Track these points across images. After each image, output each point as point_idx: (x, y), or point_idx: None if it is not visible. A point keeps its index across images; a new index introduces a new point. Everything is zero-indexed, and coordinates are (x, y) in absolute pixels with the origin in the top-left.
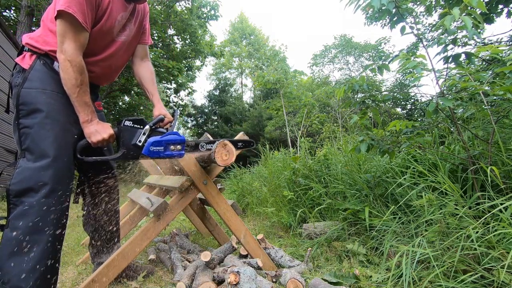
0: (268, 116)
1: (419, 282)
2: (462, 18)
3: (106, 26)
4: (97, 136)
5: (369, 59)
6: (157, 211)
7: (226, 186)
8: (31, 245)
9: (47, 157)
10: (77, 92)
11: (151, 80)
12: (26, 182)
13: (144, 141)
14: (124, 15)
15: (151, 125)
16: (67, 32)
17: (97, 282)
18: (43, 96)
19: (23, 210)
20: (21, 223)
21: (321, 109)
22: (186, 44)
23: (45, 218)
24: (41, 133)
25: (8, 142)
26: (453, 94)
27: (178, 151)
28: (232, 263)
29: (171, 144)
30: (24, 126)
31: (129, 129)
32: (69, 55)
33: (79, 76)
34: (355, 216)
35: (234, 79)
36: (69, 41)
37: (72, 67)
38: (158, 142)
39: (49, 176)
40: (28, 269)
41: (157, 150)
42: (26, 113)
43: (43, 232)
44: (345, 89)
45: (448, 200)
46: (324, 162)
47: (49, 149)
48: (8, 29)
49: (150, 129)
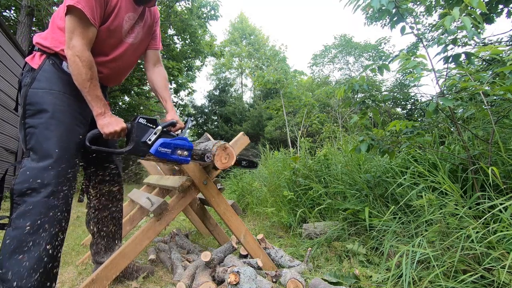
0: (268, 116)
1: (419, 282)
2: (462, 18)
3: (113, 25)
4: (109, 127)
5: (369, 59)
6: (157, 211)
7: (226, 186)
8: (31, 245)
9: (50, 158)
10: (88, 87)
11: (164, 86)
12: (29, 182)
13: (154, 140)
14: (132, 16)
15: (163, 126)
16: (76, 28)
17: (97, 282)
18: (50, 97)
19: (25, 210)
20: (22, 223)
21: (321, 109)
22: (186, 44)
23: (46, 218)
24: (45, 133)
25: (8, 142)
26: (453, 94)
27: (184, 157)
28: (232, 263)
29: (179, 148)
30: (29, 125)
31: (142, 126)
32: (77, 51)
33: (89, 71)
34: (355, 216)
35: (234, 79)
36: (77, 37)
37: (81, 62)
38: (167, 144)
39: (51, 177)
40: (28, 268)
41: (165, 152)
42: (33, 113)
43: (43, 232)
44: (345, 89)
45: (448, 200)
46: (324, 162)
47: (53, 150)
48: (8, 29)
49: (162, 130)
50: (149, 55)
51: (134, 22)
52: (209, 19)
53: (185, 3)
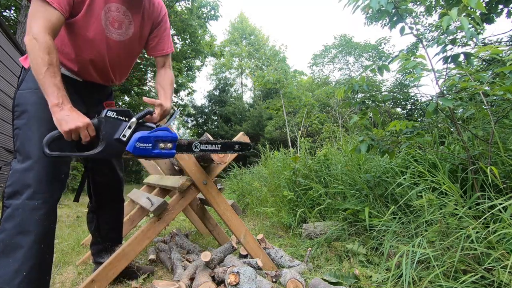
0: (268, 116)
1: (419, 282)
2: (460, 19)
3: (88, 15)
4: (69, 124)
5: (369, 59)
6: (157, 211)
7: (226, 186)
8: (16, 248)
9: (30, 159)
10: (43, 73)
11: (167, 84)
12: (14, 184)
13: (130, 135)
14: (116, 7)
15: (138, 117)
16: (37, 12)
17: (97, 282)
18: (34, 96)
19: (10, 213)
20: (7, 226)
21: (321, 109)
22: (186, 44)
23: (29, 220)
24: (27, 134)
25: (8, 142)
26: (453, 94)
27: (168, 150)
28: (232, 263)
29: (160, 141)
30: (16, 127)
31: (112, 121)
32: (35, 33)
33: (46, 56)
34: (355, 216)
35: (234, 79)
36: (37, 20)
37: (38, 44)
38: (145, 138)
39: (31, 178)
40: (12, 271)
41: (144, 148)
42: (18, 114)
43: (27, 234)
44: (345, 89)
45: (448, 200)
46: (324, 162)
47: (33, 150)
48: (8, 29)
49: (137, 122)
50: (157, 60)
51: (123, 16)
52: (209, 19)
53: (185, 3)
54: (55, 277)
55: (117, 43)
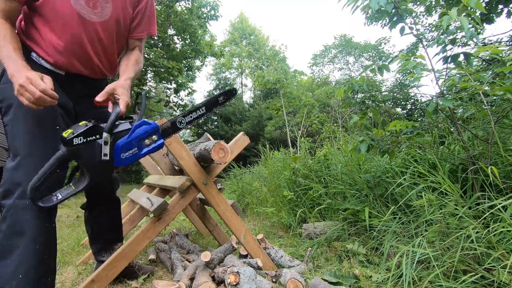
0: (268, 116)
1: (419, 282)
2: (460, 18)
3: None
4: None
5: (369, 59)
6: (157, 211)
7: (226, 186)
8: (12, 248)
9: (18, 155)
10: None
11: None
12: (6, 183)
13: (111, 152)
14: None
15: (107, 129)
16: None
17: (97, 282)
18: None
19: (5, 213)
20: (3, 227)
21: (321, 109)
22: (186, 44)
23: (21, 220)
24: (14, 130)
25: None
26: (453, 94)
27: (155, 143)
28: (232, 263)
29: (144, 138)
30: (5, 124)
31: (83, 147)
32: None
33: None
34: (355, 216)
35: (234, 79)
36: None
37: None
38: (127, 145)
39: (20, 176)
40: (10, 272)
41: (131, 154)
42: (5, 110)
43: (21, 235)
44: (345, 89)
45: (448, 200)
46: (324, 162)
47: (20, 146)
48: None
49: (111, 134)
50: (129, 41)
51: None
52: (209, 19)
53: (185, 3)
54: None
55: (95, 24)
